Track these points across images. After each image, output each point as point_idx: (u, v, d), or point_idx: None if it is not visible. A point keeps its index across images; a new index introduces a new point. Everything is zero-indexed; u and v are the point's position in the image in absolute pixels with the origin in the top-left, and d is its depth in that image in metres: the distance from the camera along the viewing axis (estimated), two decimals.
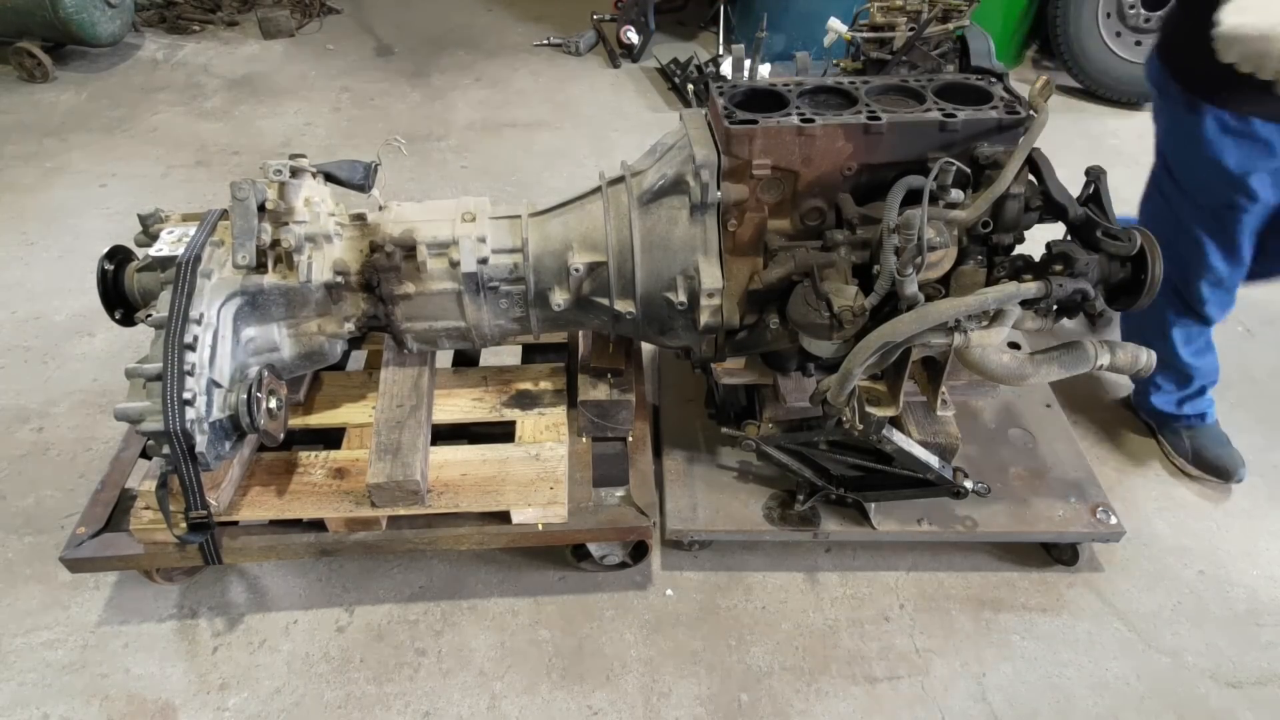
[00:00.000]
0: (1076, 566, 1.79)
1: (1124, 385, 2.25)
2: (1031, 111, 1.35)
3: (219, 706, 1.57)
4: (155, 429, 1.30)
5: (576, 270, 1.50)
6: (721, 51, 3.88)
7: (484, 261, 1.51)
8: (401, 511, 1.58)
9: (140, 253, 1.54)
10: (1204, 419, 2.03)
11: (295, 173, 1.44)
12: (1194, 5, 1.51)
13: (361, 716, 1.55)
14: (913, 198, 1.26)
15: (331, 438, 1.75)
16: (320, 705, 1.57)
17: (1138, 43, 3.63)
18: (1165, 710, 1.57)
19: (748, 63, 1.67)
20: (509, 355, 2.10)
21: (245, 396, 1.38)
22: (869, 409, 1.45)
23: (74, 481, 1.98)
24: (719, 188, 1.39)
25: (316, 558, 1.80)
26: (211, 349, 1.37)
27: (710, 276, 1.42)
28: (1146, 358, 1.22)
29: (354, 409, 1.77)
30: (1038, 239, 1.36)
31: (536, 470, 1.64)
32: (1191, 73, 1.62)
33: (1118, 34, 3.63)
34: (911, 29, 1.59)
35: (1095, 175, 1.34)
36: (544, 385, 1.83)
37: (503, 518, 1.61)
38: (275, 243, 1.45)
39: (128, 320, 1.56)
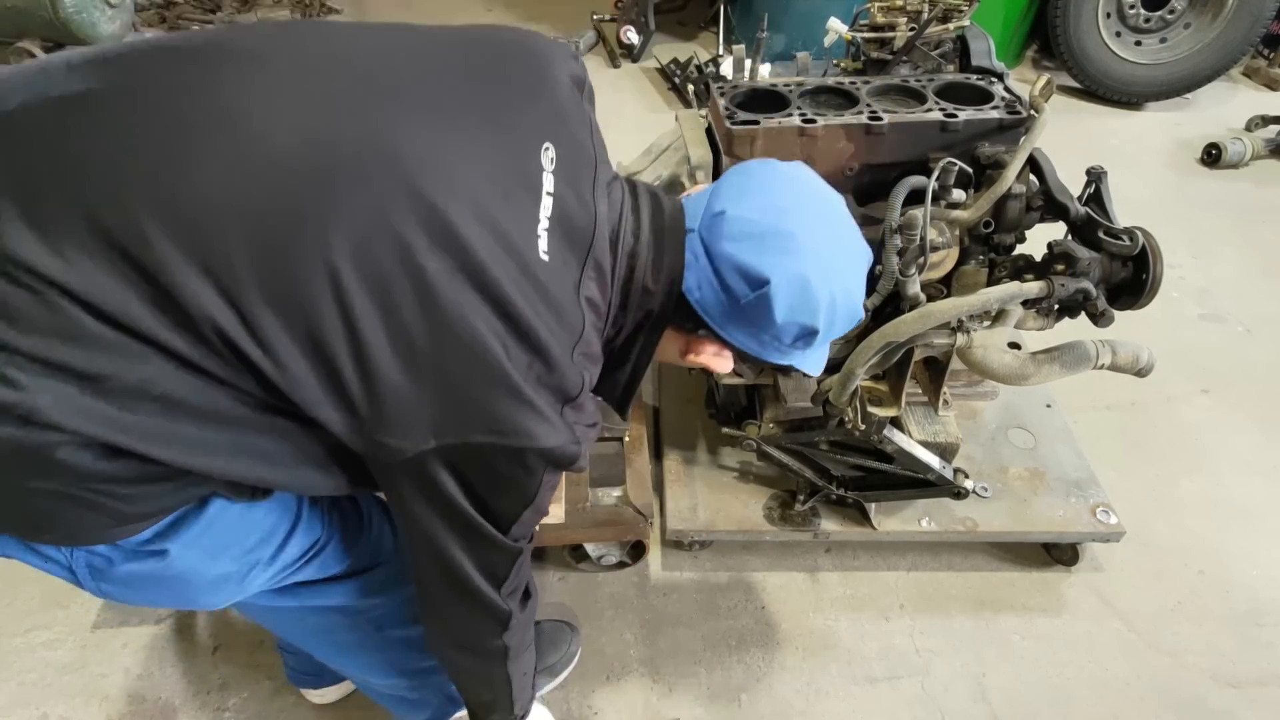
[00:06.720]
0: (1076, 566, 1.79)
1: (1125, 385, 2.24)
2: (1032, 111, 1.35)
3: (219, 706, 1.57)
4: None
5: None
6: (721, 51, 3.87)
7: None
8: None
9: None
10: None
11: None
12: None
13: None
14: (915, 198, 1.26)
15: None
16: (319, 705, 1.57)
17: (1138, 43, 3.63)
18: (1165, 710, 1.57)
19: (748, 63, 1.68)
20: None
21: None
22: (871, 409, 1.45)
23: None
24: None
25: None
26: None
27: None
28: (1147, 356, 1.22)
29: None
30: (1039, 239, 1.36)
31: None
32: None
33: (1118, 34, 3.63)
34: (912, 29, 1.60)
35: (1096, 175, 1.34)
36: None
37: None
38: None
39: None
